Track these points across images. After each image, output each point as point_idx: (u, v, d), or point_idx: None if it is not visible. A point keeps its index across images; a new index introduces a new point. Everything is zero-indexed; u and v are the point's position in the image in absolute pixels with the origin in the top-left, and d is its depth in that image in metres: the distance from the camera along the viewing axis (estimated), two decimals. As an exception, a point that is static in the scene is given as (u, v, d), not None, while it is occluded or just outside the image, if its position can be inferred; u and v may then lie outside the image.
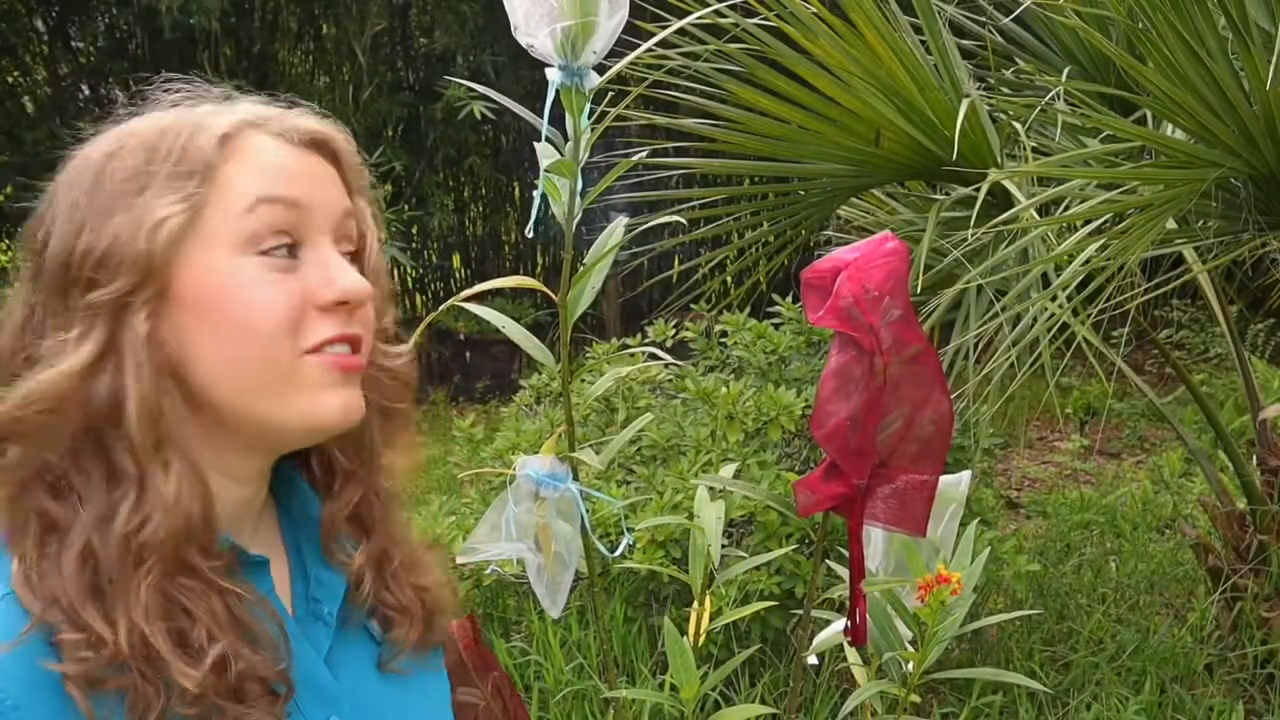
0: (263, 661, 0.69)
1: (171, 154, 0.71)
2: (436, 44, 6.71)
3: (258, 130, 0.75)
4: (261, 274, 0.71)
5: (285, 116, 0.77)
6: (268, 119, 0.76)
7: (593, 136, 1.18)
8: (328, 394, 0.73)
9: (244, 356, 0.70)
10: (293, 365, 0.72)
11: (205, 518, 0.69)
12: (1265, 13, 2.18)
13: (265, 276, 0.71)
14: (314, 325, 0.72)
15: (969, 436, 2.89)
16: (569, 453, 1.29)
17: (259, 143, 0.74)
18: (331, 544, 0.82)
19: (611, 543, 2.52)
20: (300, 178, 0.74)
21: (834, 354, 1.06)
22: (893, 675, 1.29)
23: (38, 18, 7.51)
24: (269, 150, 0.74)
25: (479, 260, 8.50)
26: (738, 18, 2.45)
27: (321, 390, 0.73)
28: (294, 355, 0.72)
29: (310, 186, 0.74)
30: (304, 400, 0.72)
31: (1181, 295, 6.25)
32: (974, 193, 2.22)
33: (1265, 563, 2.80)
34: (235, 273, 0.70)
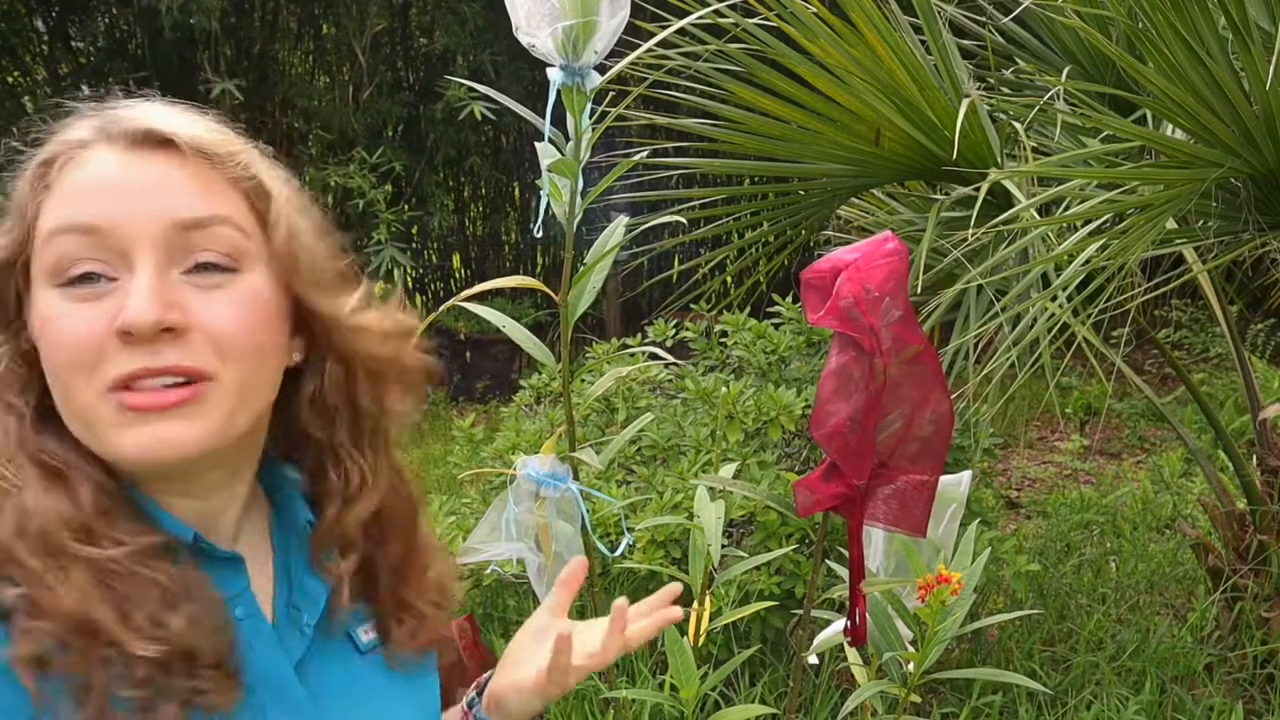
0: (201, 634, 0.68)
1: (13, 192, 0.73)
2: (436, 44, 6.70)
3: (89, 148, 0.71)
4: (62, 306, 0.69)
5: (121, 120, 0.71)
6: (105, 125, 0.72)
7: (593, 136, 1.18)
8: (124, 432, 0.68)
9: (59, 391, 0.70)
10: (92, 403, 0.68)
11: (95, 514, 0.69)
12: (1265, 13, 2.18)
13: (65, 309, 0.69)
14: (113, 360, 0.68)
15: (969, 436, 2.89)
16: (569, 453, 1.29)
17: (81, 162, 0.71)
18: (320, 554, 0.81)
19: (611, 543, 2.52)
20: (110, 196, 0.69)
21: (834, 354, 1.06)
22: (893, 675, 1.29)
23: (38, 18, 7.51)
24: (84, 170, 0.70)
25: (479, 260, 8.50)
26: (738, 18, 2.45)
27: (117, 429, 0.68)
28: (95, 392, 0.68)
29: (123, 205, 0.69)
30: (106, 437, 0.69)
31: (1181, 295, 6.26)
32: (974, 193, 2.22)
33: (1265, 563, 2.80)
34: (43, 307, 0.70)
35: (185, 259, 0.70)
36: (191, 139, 0.71)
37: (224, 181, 0.72)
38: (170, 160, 0.71)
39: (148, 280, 0.68)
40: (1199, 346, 6.52)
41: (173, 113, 0.73)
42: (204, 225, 0.70)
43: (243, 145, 0.75)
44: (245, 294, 0.72)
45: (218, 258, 0.71)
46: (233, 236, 0.71)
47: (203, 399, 0.69)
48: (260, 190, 0.74)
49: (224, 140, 0.74)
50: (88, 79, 7.61)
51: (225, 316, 0.70)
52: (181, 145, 0.71)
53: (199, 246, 0.70)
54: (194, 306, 0.69)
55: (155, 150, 0.71)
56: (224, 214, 0.71)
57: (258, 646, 0.75)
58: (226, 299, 0.71)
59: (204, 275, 0.70)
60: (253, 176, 0.74)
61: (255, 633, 0.76)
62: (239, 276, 0.72)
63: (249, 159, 0.74)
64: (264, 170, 0.75)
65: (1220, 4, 1.88)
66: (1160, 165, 2.26)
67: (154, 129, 0.71)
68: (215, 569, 0.75)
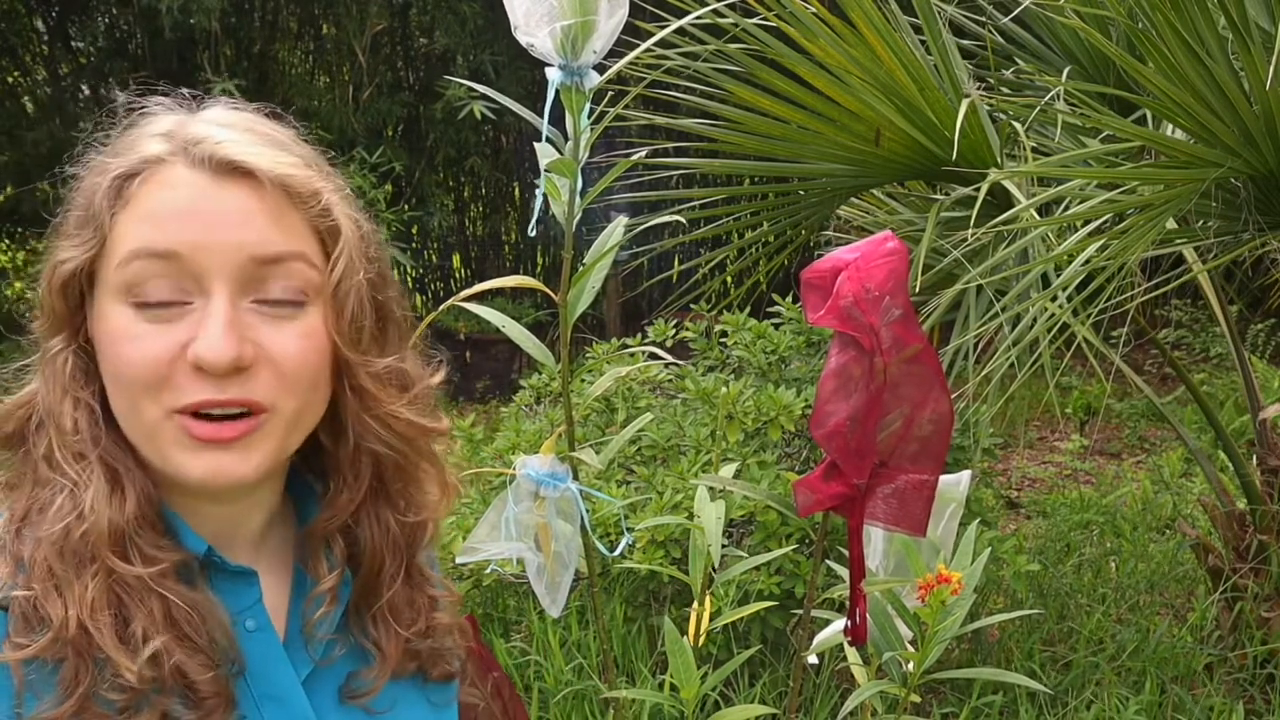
0: (194, 665, 0.69)
1: (83, 198, 0.73)
2: (436, 44, 6.70)
3: (168, 166, 0.71)
4: (135, 324, 0.70)
5: (204, 143, 0.71)
6: (188, 146, 0.71)
7: (592, 136, 1.18)
8: (187, 456, 0.70)
9: (122, 401, 0.71)
10: (158, 422, 0.70)
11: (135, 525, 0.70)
12: (1265, 13, 2.18)
13: (138, 329, 0.69)
14: (182, 387, 0.69)
15: (969, 436, 2.88)
16: (569, 452, 1.29)
17: (161, 182, 0.71)
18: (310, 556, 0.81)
19: (611, 542, 2.52)
20: (191, 224, 0.69)
21: (834, 354, 1.06)
22: (893, 675, 1.29)
23: (38, 18, 7.51)
24: (165, 193, 0.70)
25: (479, 260, 8.50)
26: (738, 18, 2.45)
27: (180, 452, 0.70)
28: (161, 413, 0.69)
29: (203, 234, 0.69)
30: (167, 455, 0.70)
31: (1181, 295, 6.26)
32: (974, 193, 2.22)
33: (1265, 563, 2.80)
34: (113, 320, 0.71)
35: (258, 290, 0.71)
36: (273, 175, 0.71)
37: (300, 218, 0.73)
38: (251, 192, 0.71)
39: (224, 313, 0.69)
40: (1199, 346, 6.52)
41: (255, 140, 0.73)
42: (280, 261, 0.71)
43: (322, 181, 0.75)
44: (310, 329, 0.73)
45: (289, 293, 0.72)
46: (305, 272, 0.73)
47: (259, 430, 0.71)
48: (332, 230, 0.75)
49: (305, 178, 0.74)
50: (88, 79, 7.61)
51: (290, 349, 0.71)
52: (263, 179, 0.71)
53: (272, 279, 0.71)
54: (263, 337, 0.71)
55: (238, 180, 0.71)
56: (299, 250, 0.72)
57: (266, 660, 0.76)
58: (293, 332, 0.72)
59: (274, 307, 0.72)
60: (328, 214, 0.74)
61: (265, 646, 0.76)
62: (306, 310, 0.73)
63: (327, 198, 0.75)
64: (338, 208, 0.75)
65: (1220, 4, 1.88)
66: (1160, 165, 2.26)
67: (238, 162, 0.71)
68: (227, 582, 0.75)
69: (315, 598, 0.79)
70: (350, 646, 0.81)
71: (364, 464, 0.79)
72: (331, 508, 0.80)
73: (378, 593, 0.81)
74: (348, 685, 0.80)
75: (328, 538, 0.80)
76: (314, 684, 0.79)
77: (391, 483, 0.81)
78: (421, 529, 0.84)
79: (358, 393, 0.76)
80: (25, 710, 0.65)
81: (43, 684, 0.66)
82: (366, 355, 0.76)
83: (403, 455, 0.80)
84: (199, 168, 0.70)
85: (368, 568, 0.81)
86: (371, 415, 0.77)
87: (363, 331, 0.76)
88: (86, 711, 0.66)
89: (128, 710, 0.67)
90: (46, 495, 0.71)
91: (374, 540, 0.81)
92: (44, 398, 0.73)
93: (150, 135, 0.73)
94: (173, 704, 0.68)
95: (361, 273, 0.75)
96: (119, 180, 0.71)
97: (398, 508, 0.82)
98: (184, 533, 0.74)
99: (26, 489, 0.73)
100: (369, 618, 0.82)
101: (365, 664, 0.82)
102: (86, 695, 0.66)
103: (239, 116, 0.76)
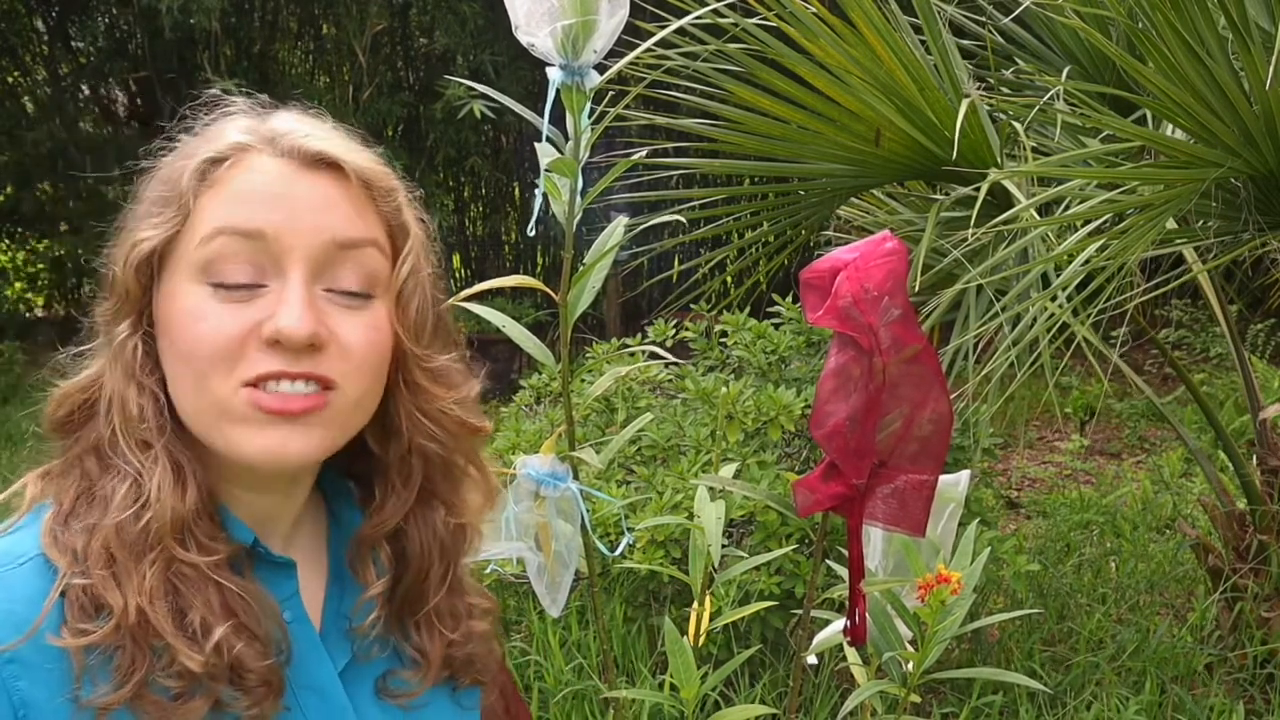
0: (252, 653, 0.70)
1: (164, 181, 0.74)
2: (436, 44, 6.70)
3: (255, 153, 0.73)
4: (209, 304, 0.71)
5: (290, 136, 0.74)
6: (275, 137, 0.74)
7: (593, 136, 1.18)
8: (251, 431, 0.71)
9: (188, 381, 0.72)
10: (226, 397, 0.70)
11: (194, 514, 0.71)
12: (1265, 13, 2.18)
13: (213, 307, 0.71)
14: (254, 359, 0.70)
15: (969, 436, 2.88)
16: (569, 452, 1.29)
17: (248, 166, 0.73)
18: (357, 560, 0.82)
19: (611, 542, 2.52)
20: (278, 206, 0.72)
21: (833, 354, 1.06)
22: (893, 675, 1.29)
23: (38, 18, 7.51)
24: (252, 176, 0.72)
25: (479, 260, 8.51)
26: (738, 18, 2.45)
27: (244, 426, 0.71)
28: (230, 387, 0.70)
29: (288, 216, 0.72)
30: (230, 433, 0.71)
31: (1181, 295, 6.25)
32: (974, 193, 2.22)
33: (1265, 563, 2.80)
34: (187, 300, 0.71)
35: (331, 278, 0.73)
36: (356, 165, 0.75)
37: (375, 211, 0.76)
38: (335, 181, 0.74)
39: (301, 293, 0.71)
40: (1199, 346, 6.51)
41: (338, 136, 0.76)
42: (358, 246, 0.74)
43: (396, 182, 0.79)
44: (376, 320, 0.75)
45: (360, 285, 0.74)
46: (376, 261, 0.75)
47: (326, 408, 0.72)
48: (402, 228, 0.78)
49: (384, 174, 0.77)
50: (88, 79, 7.62)
51: (360, 336, 0.73)
52: (347, 169, 0.74)
53: (347, 266, 0.74)
54: (335, 323, 0.73)
55: (322, 170, 0.74)
56: (374, 238, 0.75)
57: (303, 652, 0.77)
58: (362, 321, 0.74)
59: (344, 297, 0.74)
60: (399, 211, 0.77)
61: (302, 638, 0.77)
62: (373, 302, 0.75)
63: (400, 197, 0.78)
64: (407, 209, 0.79)
65: (1220, 4, 1.88)
66: (1160, 165, 2.26)
67: (325, 152, 0.74)
68: (268, 572, 0.77)
69: (364, 603, 0.80)
70: (389, 646, 0.82)
71: (414, 466, 0.80)
72: (380, 513, 0.81)
73: (424, 598, 0.82)
74: (387, 684, 0.81)
75: (375, 544, 0.81)
76: (349, 678, 0.80)
77: (439, 485, 0.82)
78: (465, 533, 0.85)
79: (413, 388, 0.78)
80: (83, 694, 0.66)
81: (99, 669, 0.67)
82: (428, 350, 0.79)
83: (450, 456, 0.82)
84: (286, 157, 0.73)
85: (415, 572, 0.82)
86: (424, 412, 0.79)
87: (424, 327, 0.78)
88: (142, 698, 0.67)
89: (182, 696, 0.67)
90: (106, 484, 0.71)
91: (423, 544, 0.82)
92: (110, 383, 0.74)
93: (235, 128, 0.76)
94: (224, 691, 0.69)
95: (426, 271, 0.79)
96: (205, 164, 0.73)
97: (445, 510, 0.83)
98: (232, 524, 0.75)
99: (75, 478, 0.73)
100: (412, 623, 0.83)
101: (402, 663, 0.82)
102: (142, 682, 0.67)
103: (315, 119, 0.79)
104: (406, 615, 0.83)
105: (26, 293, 8.69)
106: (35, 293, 8.76)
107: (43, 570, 0.69)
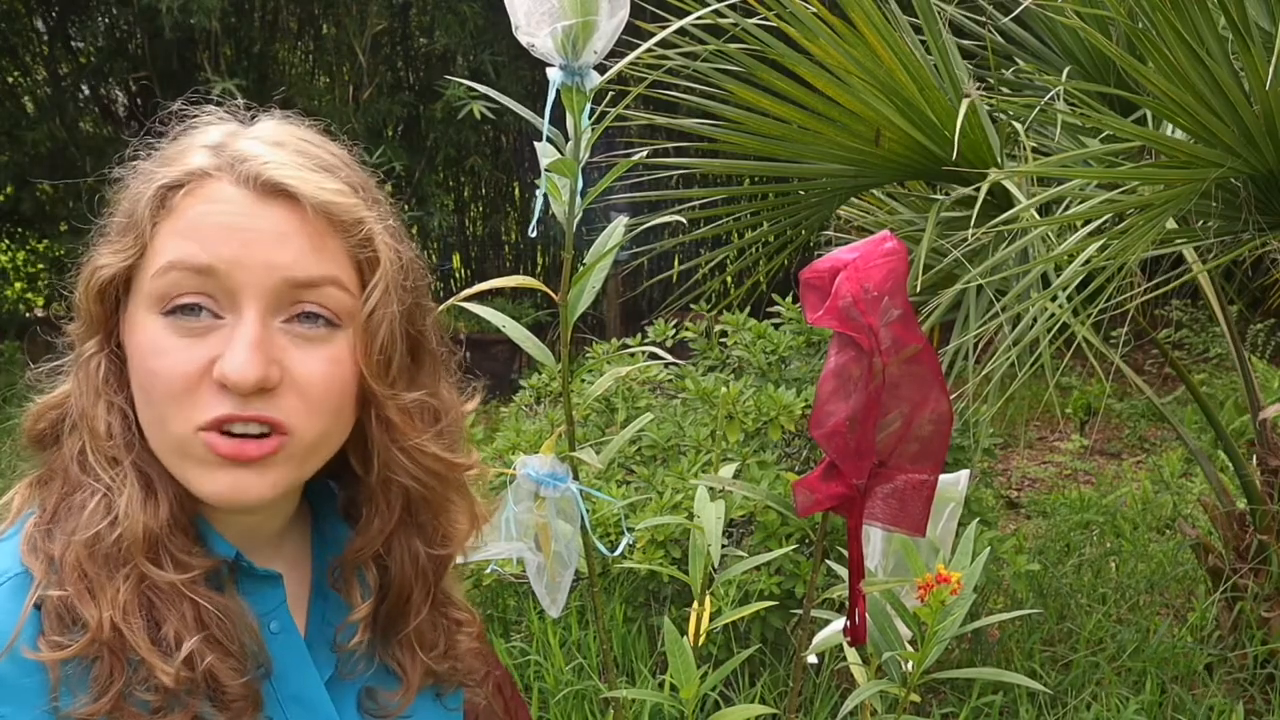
0: (225, 669, 0.69)
1: (125, 207, 0.74)
2: (436, 44, 6.70)
3: (213, 181, 0.71)
4: (166, 338, 0.70)
5: (251, 162, 0.71)
6: (237, 161, 0.71)
7: (593, 136, 1.18)
8: (208, 474, 0.70)
9: (149, 414, 0.72)
10: (184, 438, 0.70)
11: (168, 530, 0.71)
12: (1265, 13, 2.18)
13: (169, 342, 0.69)
14: (207, 401, 0.69)
15: (969, 436, 2.88)
16: (569, 452, 1.29)
17: (205, 196, 0.71)
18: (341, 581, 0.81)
19: (611, 542, 2.52)
20: (230, 240, 0.69)
21: (833, 354, 1.06)
22: (893, 675, 1.29)
23: (38, 18, 7.51)
24: (208, 208, 0.70)
25: (479, 260, 8.50)
26: (738, 18, 2.45)
27: (202, 468, 0.70)
28: (188, 429, 0.69)
29: (242, 251, 0.69)
30: (189, 473, 0.71)
31: (1181, 295, 6.25)
32: (974, 193, 2.22)
33: (1265, 563, 2.80)
34: (145, 332, 0.71)
35: (290, 309, 0.71)
36: (316, 200, 0.71)
37: (340, 245, 0.73)
38: (291, 214, 0.71)
39: (253, 333, 0.69)
40: (1199, 346, 6.51)
41: (303, 162, 0.73)
42: (315, 285, 0.71)
43: (367, 210, 0.75)
44: (338, 353, 0.73)
45: (322, 311, 0.72)
46: (339, 298, 0.72)
47: (280, 451, 0.70)
48: (371, 259, 0.74)
49: (349, 206, 0.73)
50: (88, 79, 7.61)
51: (317, 374, 0.71)
52: (304, 203, 0.71)
53: (305, 302, 0.71)
54: (290, 360, 0.70)
55: (280, 201, 0.71)
56: (333, 275, 0.72)
57: (289, 663, 0.77)
58: (320, 357, 0.72)
59: (306, 325, 0.71)
60: (368, 243, 0.74)
61: (289, 649, 0.77)
62: (337, 333, 0.73)
63: (369, 227, 0.74)
64: (380, 238, 0.75)
65: (1220, 4, 1.88)
66: (1160, 165, 2.26)
67: (281, 184, 0.70)
68: (253, 585, 0.76)
69: (349, 624, 0.80)
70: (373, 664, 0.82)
71: (394, 494, 0.79)
72: (365, 535, 0.80)
73: (405, 620, 0.82)
74: (370, 699, 0.81)
75: (360, 565, 0.81)
76: (336, 686, 0.80)
77: (420, 514, 0.81)
78: (450, 559, 0.85)
79: (385, 424, 0.76)
80: (61, 705, 0.66)
81: (77, 681, 0.66)
82: (394, 388, 0.76)
83: (430, 490, 0.80)
84: (243, 185, 0.70)
85: (395, 595, 0.81)
86: (399, 448, 0.77)
87: (391, 363, 0.75)
88: (120, 710, 0.66)
89: (160, 710, 0.67)
90: (79, 497, 0.71)
91: (404, 570, 0.81)
92: (77, 400, 0.73)
93: (198, 147, 0.73)
94: (203, 706, 0.68)
95: (396, 304, 0.75)
96: (163, 190, 0.71)
97: (427, 539, 0.82)
98: (213, 538, 0.74)
99: (58, 486, 0.73)
100: (395, 643, 0.83)
101: (384, 680, 0.82)
102: (120, 695, 0.66)
103: (290, 134, 0.75)
104: (390, 634, 0.82)
105: (26, 293, 8.69)
106: (35, 293, 8.76)
107: (21, 589, 0.68)
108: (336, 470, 0.82)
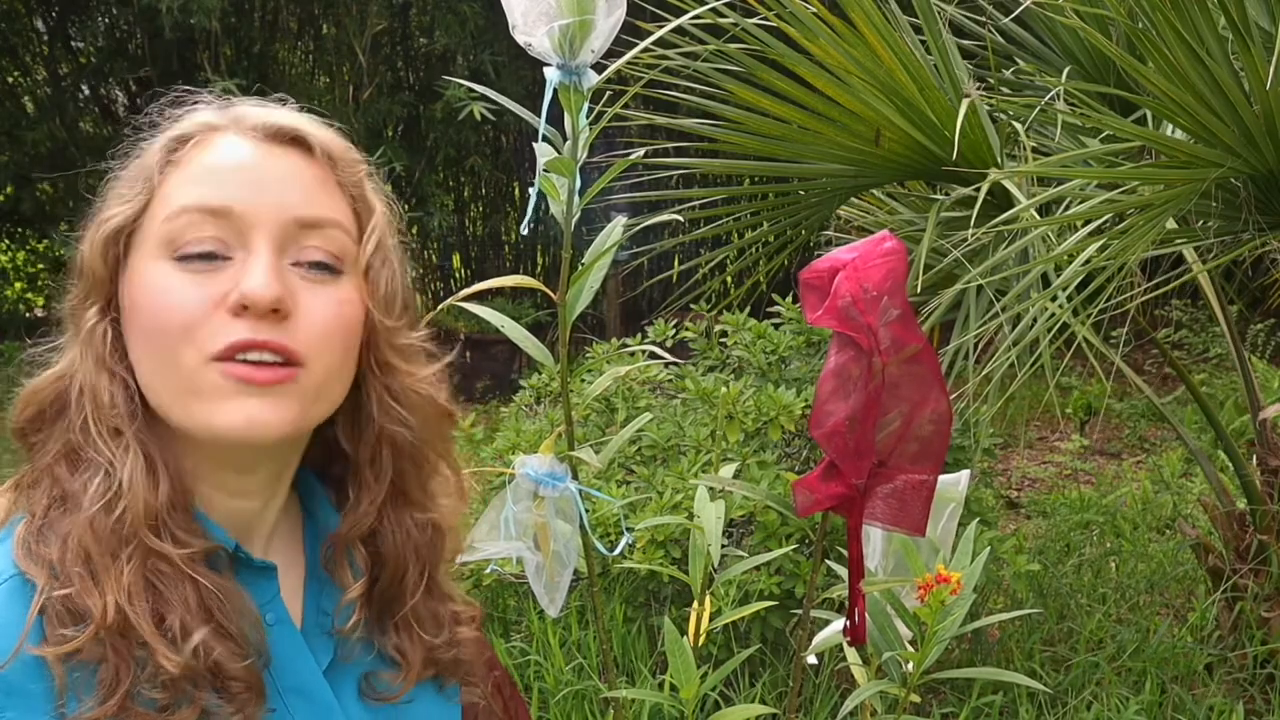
0: (229, 655, 0.69)
1: (132, 164, 0.75)
2: (436, 44, 6.70)
3: (222, 131, 0.74)
4: (174, 277, 0.70)
5: (255, 113, 0.75)
6: (239, 118, 0.75)
7: (591, 135, 1.18)
8: (227, 404, 0.69)
9: (155, 359, 0.71)
10: (196, 371, 0.69)
11: (168, 507, 0.70)
12: (1265, 13, 2.18)
13: (177, 280, 0.70)
14: (219, 328, 0.69)
15: (969, 436, 2.88)
16: (569, 452, 1.29)
17: (214, 144, 0.73)
18: (333, 563, 0.81)
19: (611, 542, 2.52)
20: (243, 181, 0.72)
21: (832, 354, 1.06)
22: (892, 675, 1.29)
23: (38, 18, 7.51)
24: (215, 154, 0.73)
25: (479, 260, 8.51)
26: (738, 18, 2.45)
27: (220, 399, 0.69)
28: (198, 360, 0.69)
29: (253, 191, 0.71)
30: (203, 408, 0.70)
31: (1181, 295, 6.25)
32: (974, 193, 2.22)
33: (1265, 563, 2.80)
34: (150, 276, 0.71)
35: (297, 252, 0.73)
36: (321, 141, 0.75)
37: (340, 187, 0.76)
38: (299, 158, 0.74)
39: (267, 261, 0.70)
40: (1199, 346, 6.51)
41: (302, 115, 0.77)
42: (321, 225, 0.74)
43: (359, 158, 0.79)
44: (343, 296, 0.75)
45: (326, 257, 0.74)
46: (342, 240, 0.75)
47: (294, 383, 0.71)
48: (366, 204, 0.78)
49: (347, 149, 0.78)
50: (88, 79, 7.61)
51: (326, 311, 0.73)
52: (312, 145, 0.75)
53: (311, 243, 0.73)
54: (300, 296, 0.72)
55: (287, 145, 0.74)
56: (338, 218, 0.75)
57: (288, 652, 0.77)
58: (328, 296, 0.74)
59: (311, 271, 0.73)
60: (362, 185, 0.78)
61: (285, 640, 0.77)
62: (340, 278, 0.75)
63: (363, 172, 0.78)
64: (370, 185, 0.79)
65: (1220, 4, 1.88)
66: (1160, 165, 2.26)
67: (287, 126, 0.74)
68: (250, 576, 0.76)
69: (344, 607, 0.80)
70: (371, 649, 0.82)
71: (385, 458, 0.80)
72: (354, 514, 0.80)
73: (401, 600, 0.82)
74: (370, 685, 0.81)
75: (350, 545, 0.81)
76: (333, 677, 0.80)
77: (410, 482, 0.82)
78: (441, 537, 0.85)
79: (383, 368, 0.78)
80: (68, 710, 0.65)
81: (83, 685, 0.66)
82: (400, 322, 0.79)
83: (421, 446, 0.81)
84: (249, 133, 0.74)
85: (391, 572, 0.82)
86: (393, 394, 0.78)
87: (394, 301, 0.78)
88: (127, 711, 0.66)
89: (168, 709, 0.67)
90: (78, 482, 0.70)
91: (396, 545, 0.81)
92: (81, 373, 0.73)
93: (203, 108, 0.77)
94: (208, 698, 0.68)
95: (392, 245, 0.79)
96: (172, 142, 0.74)
97: (416, 509, 0.83)
98: (211, 527, 0.74)
99: (45, 487, 0.72)
100: (392, 625, 0.82)
101: (384, 664, 0.82)
102: (127, 695, 0.66)
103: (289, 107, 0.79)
104: (386, 617, 0.82)
105: (26, 293, 8.70)
106: (35, 293, 8.77)
107: (19, 591, 0.68)
108: (324, 464, 0.83)
